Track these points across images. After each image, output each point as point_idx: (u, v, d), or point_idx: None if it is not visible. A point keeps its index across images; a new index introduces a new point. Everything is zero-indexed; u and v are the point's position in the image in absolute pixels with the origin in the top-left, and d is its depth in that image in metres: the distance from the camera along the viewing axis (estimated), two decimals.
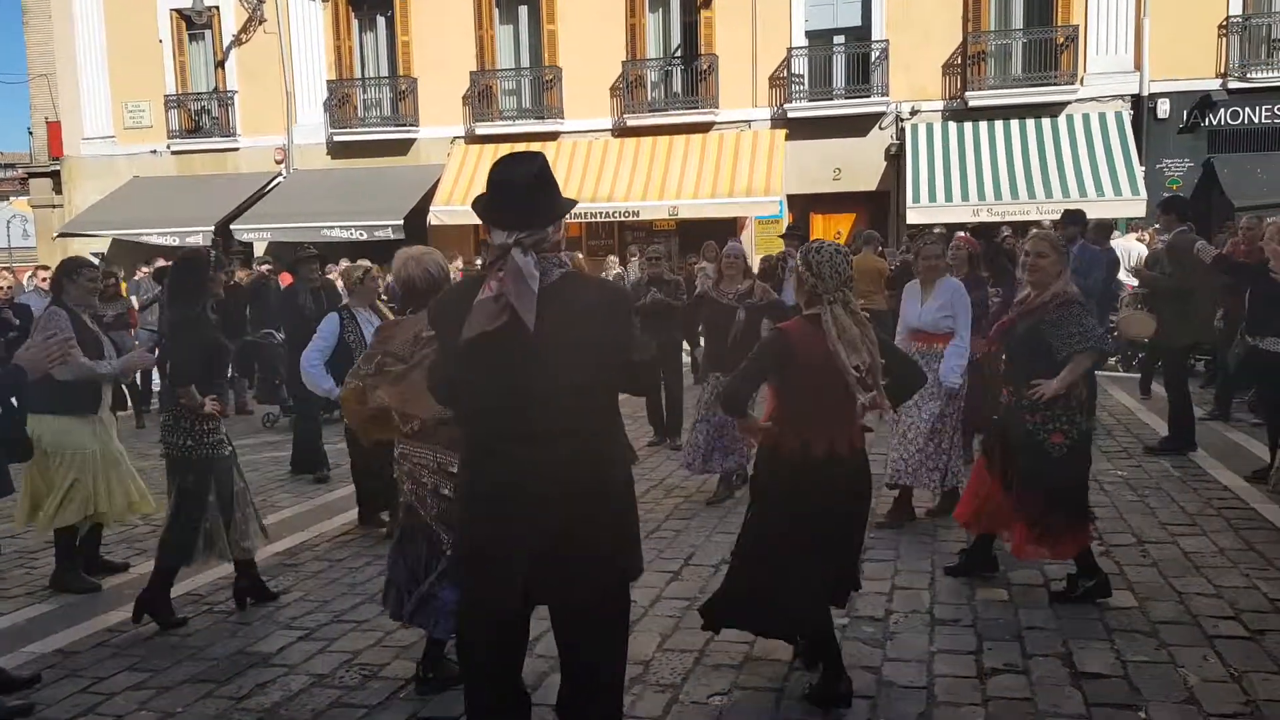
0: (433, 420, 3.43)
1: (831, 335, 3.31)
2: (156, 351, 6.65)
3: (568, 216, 2.73)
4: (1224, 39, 15.65)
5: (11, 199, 43.84)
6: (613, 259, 15.49)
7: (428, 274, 3.89)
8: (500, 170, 2.57)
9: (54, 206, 21.60)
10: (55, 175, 21.41)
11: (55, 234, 20.42)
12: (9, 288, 10.73)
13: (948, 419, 5.60)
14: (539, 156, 2.61)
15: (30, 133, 22.50)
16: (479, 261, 15.52)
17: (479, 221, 2.63)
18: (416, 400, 3.43)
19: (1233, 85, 15.65)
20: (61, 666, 4.11)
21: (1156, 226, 7.70)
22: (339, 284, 9.33)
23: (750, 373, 3.54)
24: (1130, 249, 11.57)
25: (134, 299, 11.80)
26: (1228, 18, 15.57)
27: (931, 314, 5.64)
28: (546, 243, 2.53)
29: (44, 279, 12.00)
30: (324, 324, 5.96)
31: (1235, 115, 15.77)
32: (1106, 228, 9.47)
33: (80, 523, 5.05)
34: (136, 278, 13.47)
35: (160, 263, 13.16)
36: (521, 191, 2.52)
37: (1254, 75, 15.54)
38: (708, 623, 3.69)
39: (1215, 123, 15.85)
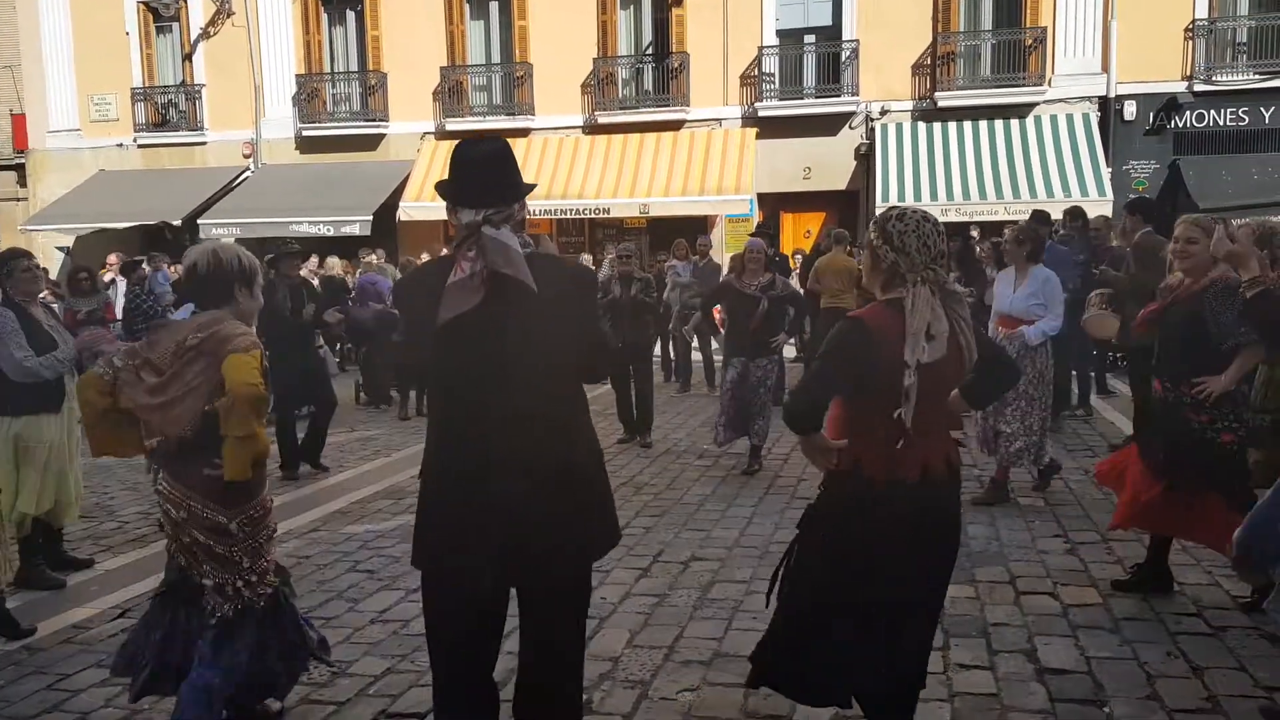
0: (173, 443, 3.06)
1: (911, 323, 2.60)
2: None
3: (540, 213, 2.79)
4: (1190, 42, 15.90)
5: None
6: (585, 256, 15.49)
7: (217, 260, 3.14)
8: (463, 150, 2.59)
9: (18, 200, 21.24)
10: (20, 168, 21.05)
11: (20, 227, 20.07)
12: None
13: (1036, 402, 5.83)
14: (499, 138, 2.65)
15: None
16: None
17: (448, 218, 2.62)
18: (165, 417, 3.05)
19: (1199, 88, 15.91)
20: (27, 663, 4.05)
21: (1124, 227, 7.81)
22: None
23: (824, 375, 2.72)
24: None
25: (111, 294, 11.58)
26: (1194, 21, 15.82)
27: (1022, 300, 5.86)
28: (512, 220, 2.54)
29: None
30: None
31: (1201, 118, 16.03)
32: (1079, 212, 9.48)
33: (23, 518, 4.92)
34: (103, 274, 13.17)
35: (133, 257, 12.94)
36: (485, 169, 2.55)
37: (1220, 78, 15.81)
38: (750, 677, 3.05)
39: (1181, 125, 16.11)
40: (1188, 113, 16.05)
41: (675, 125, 17.70)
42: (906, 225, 2.70)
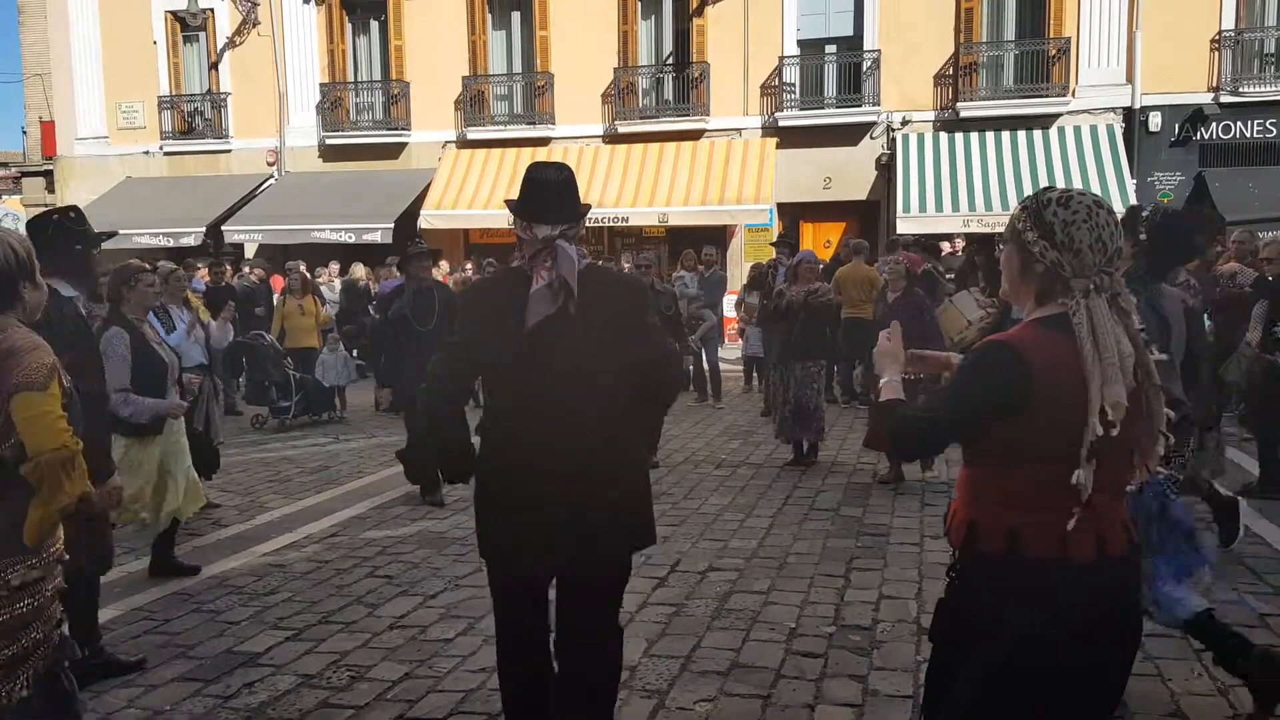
0: None
1: (1088, 349, 1.92)
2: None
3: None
4: (1217, 53, 15.77)
5: (4, 198, 43.63)
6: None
7: None
8: (538, 171, 2.82)
9: (46, 206, 21.52)
10: (48, 175, 21.34)
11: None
12: None
13: None
14: (565, 165, 2.89)
15: (24, 132, 22.45)
16: (468, 266, 15.50)
17: (469, 226, 2.73)
18: None
19: (1225, 99, 15.76)
20: None
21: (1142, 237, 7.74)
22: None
23: (960, 414, 2.04)
24: None
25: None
26: (1220, 32, 15.68)
27: None
28: (577, 236, 2.82)
29: None
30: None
31: (1227, 129, 15.88)
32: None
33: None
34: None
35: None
36: (560, 190, 2.79)
37: (1246, 89, 15.65)
38: None
39: (1207, 136, 15.96)
40: (1214, 124, 15.90)
41: (695, 135, 17.71)
42: (1074, 213, 2.00)
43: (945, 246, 13.64)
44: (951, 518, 2.15)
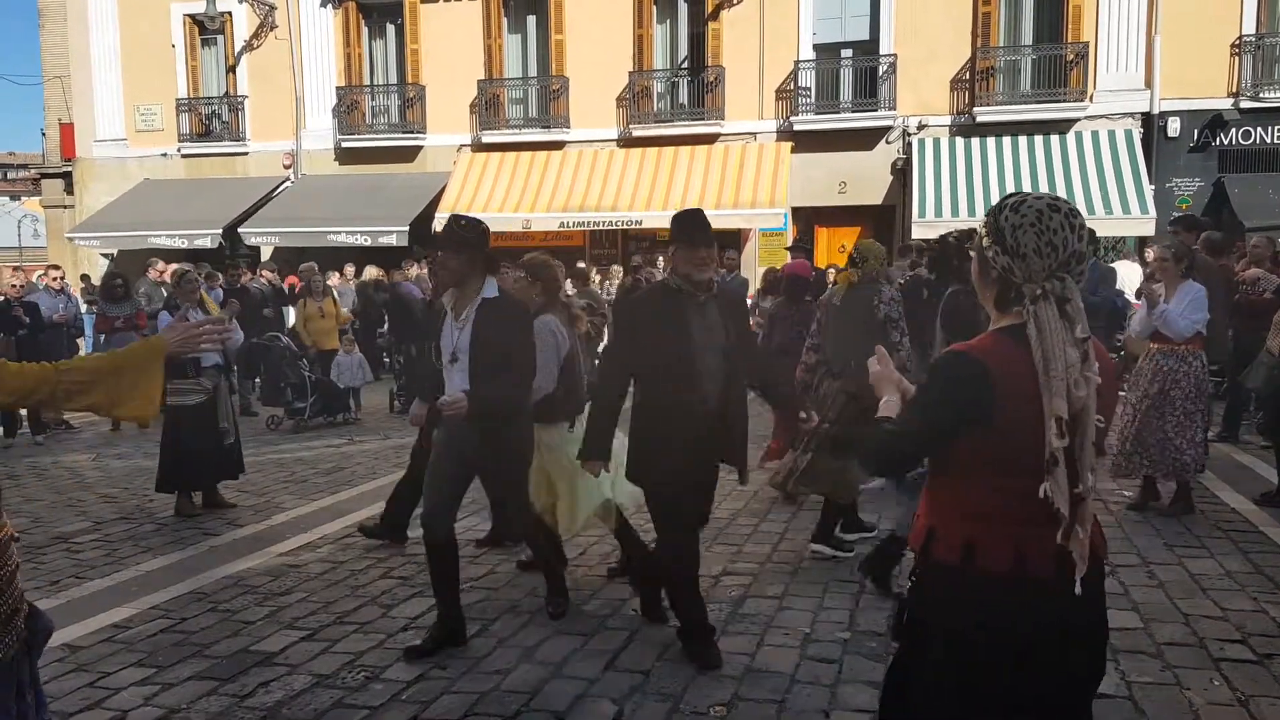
0: None
1: (1038, 359, 1.91)
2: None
3: (574, 225, 3.41)
4: (1236, 58, 15.66)
5: (23, 199, 44.09)
6: (616, 268, 15.53)
7: None
8: (696, 215, 3.95)
9: (65, 207, 21.71)
10: (67, 176, 21.51)
11: (66, 234, 20.52)
12: (21, 286, 10.83)
13: (1197, 415, 5.83)
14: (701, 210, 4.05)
15: (43, 134, 22.63)
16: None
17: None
18: None
19: (1245, 104, 15.64)
20: (68, 660, 4.12)
21: (1165, 244, 7.67)
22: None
23: (924, 423, 2.04)
24: (1128, 272, 11.50)
25: (143, 300, 11.79)
26: (1240, 36, 15.57)
27: (1175, 315, 5.83)
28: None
29: (54, 279, 12.05)
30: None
31: (1247, 135, 15.77)
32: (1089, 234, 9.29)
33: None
34: (152, 277, 13.25)
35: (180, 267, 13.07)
36: (707, 223, 3.96)
37: (1267, 95, 15.52)
38: None
39: (1226, 142, 15.85)
40: (1233, 130, 15.79)
41: (710, 139, 17.71)
42: (1023, 217, 1.97)
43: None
44: (915, 523, 2.15)
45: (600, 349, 10.93)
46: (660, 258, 17.07)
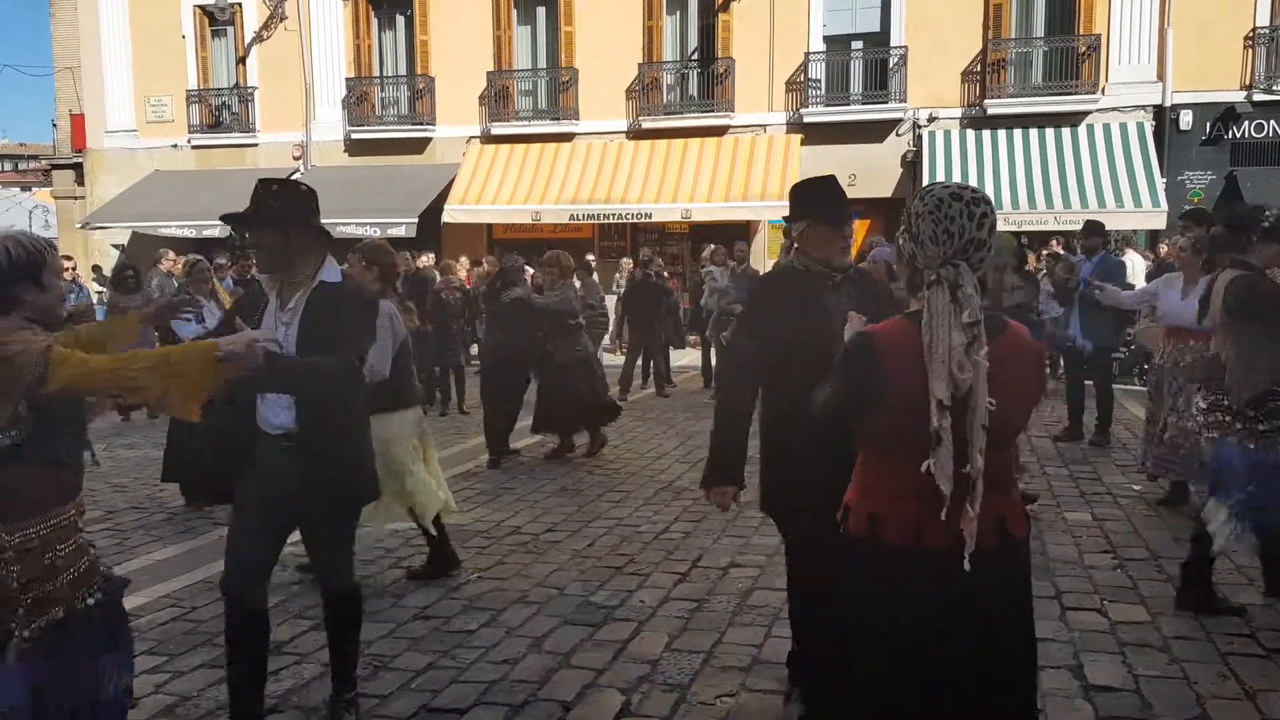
0: None
1: (925, 340, 2.02)
2: None
3: (583, 217, 3.02)
4: (1250, 50, 15.55)
5: (34, 190, 44.30)
6: (625, 261, 15.54)
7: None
8: (832, 186, 3.39)
9: (76, 198, 21.81)
10: (78, 167, 21.61)
11: (77, 225, 20.61)
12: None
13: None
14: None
15: (54, 125, 22.73)
16: (485, 262, 15.53)
17: (493, 221, 2.79)
18: None
19: (1258, 97, 15.55)
20: None
21: (1177, 239, 7.62)
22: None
23: (832, 396, 2.24)
24: (1133, 262, 11.43)
25: (155, 291, 11.81)
26: (1254, 29, 15.46)
27: (1191, 309, 5.66)
28: None
29: (66, 270, 12.11)
30: None
31: (1260, 128, 15.67)
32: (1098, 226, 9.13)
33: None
34: (163, 268, 13.25)
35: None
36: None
37: None
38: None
39: (1239, 135, 15.75)
40: (1246, 123, 15.70)
41: (719, 131, 17.67)
42: (925, 205, 2.09)
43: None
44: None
45: (602, 348, 10.98)
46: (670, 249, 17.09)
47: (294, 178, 3.20)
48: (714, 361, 11.96)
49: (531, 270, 10.22)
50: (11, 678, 2.35)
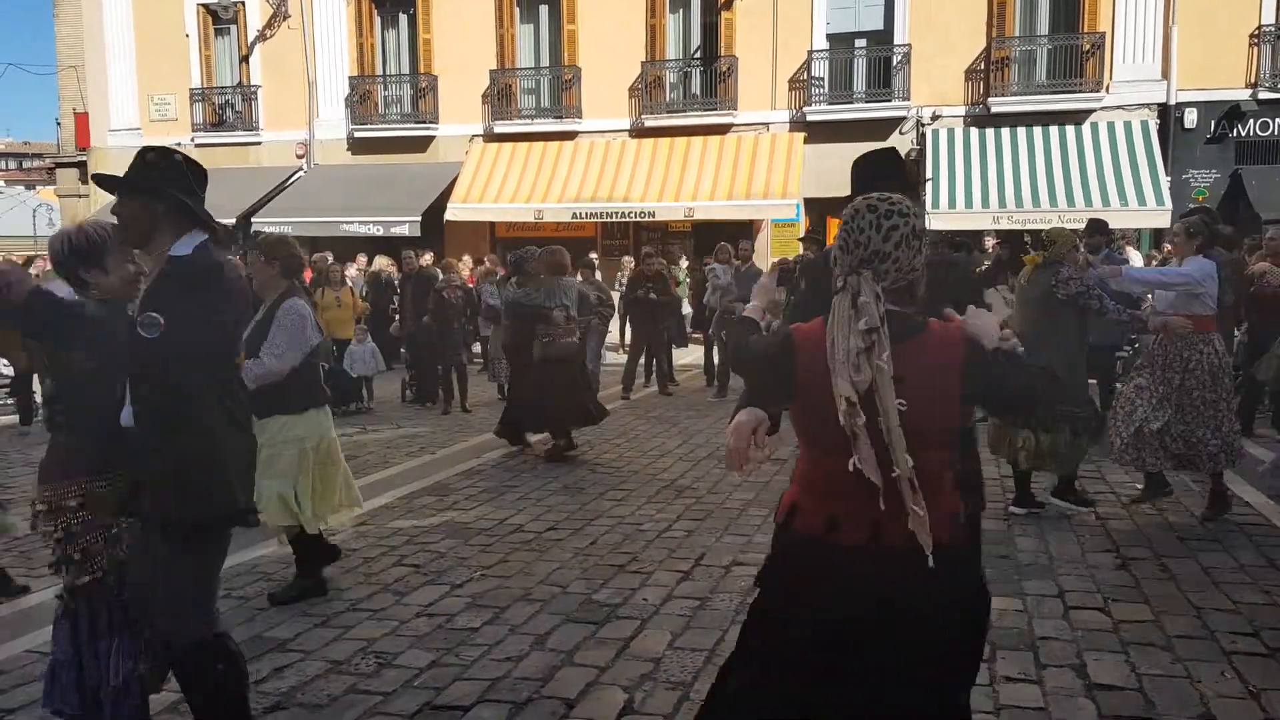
0: None
1: (828, 342, 2.07)
2: None
3: (586, 216, 2.93)
4: (1255, 48, 15.52)
5: (39, 188, 44.38)
6: (627, 259, 15.53)
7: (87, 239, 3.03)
8: (894, 156, 3.32)
9: (80, 196, 21.85)
10: (82, 166, 21.65)
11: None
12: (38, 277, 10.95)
13: (1220, 403, 5.59)
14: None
15: (58, 123, 22.78)
16: (487, 260, 15.55)
17: (496, 219, 2.77)
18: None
19: (1263, 96, 15.51)
20: None
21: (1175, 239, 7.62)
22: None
23: (750, 372, 2.44)
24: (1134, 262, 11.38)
25: None
26: (1259, 27, 15.43)
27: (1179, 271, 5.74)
28: None
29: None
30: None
31: (1265, 126, 15.63)
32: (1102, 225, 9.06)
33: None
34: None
35: None
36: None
37: None
38: None
39: (1244, 133, 15.72)
40: (1251, 121, 15.66)
41: (722, 129, 17.67)
42: (846, 216, 2.18)
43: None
44: None
45: (603, 345, 11.01)
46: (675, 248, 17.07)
47: (174, 146, 2.89)
48: (716, 360, 11.96)
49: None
50: (62, 630, 2.78)
